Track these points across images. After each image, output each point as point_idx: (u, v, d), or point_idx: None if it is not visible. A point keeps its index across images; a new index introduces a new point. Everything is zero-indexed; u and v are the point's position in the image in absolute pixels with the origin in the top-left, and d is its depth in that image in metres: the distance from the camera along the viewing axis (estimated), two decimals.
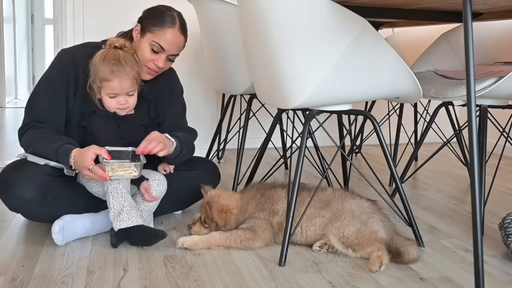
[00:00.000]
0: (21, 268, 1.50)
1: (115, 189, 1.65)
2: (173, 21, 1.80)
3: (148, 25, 1.79)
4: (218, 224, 1.72)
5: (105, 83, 1.67)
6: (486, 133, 1.85)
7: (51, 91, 1.76)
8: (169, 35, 1.79)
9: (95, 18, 2.89)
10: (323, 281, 1.46)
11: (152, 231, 1.65)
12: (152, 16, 1.81)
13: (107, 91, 1.68)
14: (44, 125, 1.74)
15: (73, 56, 1.78)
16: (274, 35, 1.56)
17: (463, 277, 1.50)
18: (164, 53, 1.80)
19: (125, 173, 1.61)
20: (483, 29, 2.24)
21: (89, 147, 1.61)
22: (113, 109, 1.72)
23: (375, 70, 1.64)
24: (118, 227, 1.63)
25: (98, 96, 1.72)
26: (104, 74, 1.66)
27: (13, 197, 1.65)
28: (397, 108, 2.95)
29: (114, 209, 1.64)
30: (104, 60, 1.67)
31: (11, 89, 5.92)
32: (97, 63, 1.68)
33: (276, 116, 2.07)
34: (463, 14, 1.30)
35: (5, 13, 5.52)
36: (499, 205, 2.22)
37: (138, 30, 1.81)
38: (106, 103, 1.71)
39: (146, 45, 1.79)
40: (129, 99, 1.72)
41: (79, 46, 1.90)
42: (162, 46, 1.79)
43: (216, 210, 1.72)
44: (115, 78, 1.66)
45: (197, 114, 3.18)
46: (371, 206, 1.71)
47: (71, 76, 1.76)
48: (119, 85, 1.67)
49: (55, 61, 1.81)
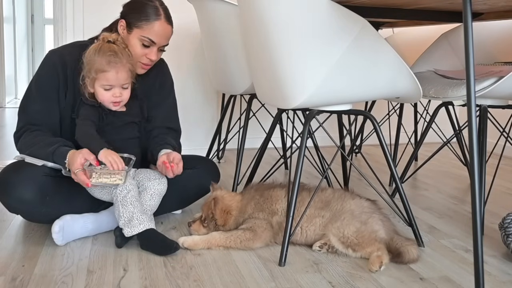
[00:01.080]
0: (21, 268, 1.50)
1: (124, 198, 1.64)
2: (157, 12, 1.78)
3: (133, 21, 1.78)
4: (217, 223, 1.73)
5: (101, 74, 1.66)
6: (486, 133, 1.85)
7: (42, 92, 1.77)
8: (157, 28, 1.78)
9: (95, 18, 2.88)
10: (323, 281, 1.46)
11: (166, 241, 1.63)
12: (135, 10, 1.79)
13: (103, 83, 1.67)
14: (39, 127, 1.75)
15: (61, 56, 1.79)
16: (274, 35, 1.56)
17: (463, 277, 1.50)
18: (155, 46, 1.80)
19: (109, 180, 1.60)
20: (483, 29, 2.24)
21: (80, 151, 1.61)
22: (107, 102, 1.71)
23: (375, 70, 1.64)
24: (131, 234, 1.62)
25: (91, 90, 1.70)
26: (101, 65, 1.65)
27: (12, 198, 1.65)
28: (397, 108, 2.95)
29: (124, 217, 1.63)
30: (99, 52, 1.67)
31: (11, 89, 5.92)
32: (91, 55, 1.67)
33: (276, 116, 2.07)
34: (463, 14, 1.30)
35: (5, 13, 5.52)
36: (499, 205, 2.22)
37: (124, 26, 1.80)
38: (100, 95, 1.70)
39: (136, 41, 1.78)
40: (124, 92, 1.71)
41: (66, 46, 1.90)
42: (153, 40, 1.78)
43: (219, 208, 1.72)
44: (112, 69, 1.66)
45: (197, 114, 3.18)
46: (370, 206, 1.71)
47: (60, 76, 1.76)
48: (116, 76, 1.67)
49: (44, 62, 1.81)
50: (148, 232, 1.63)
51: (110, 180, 1.59)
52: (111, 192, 1.68)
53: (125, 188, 1.65)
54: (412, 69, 1.75)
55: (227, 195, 1.79)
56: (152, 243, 1.63)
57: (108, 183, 1.60)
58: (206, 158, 2.19)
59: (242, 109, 3.12)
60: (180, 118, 2.06)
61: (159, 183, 1.77)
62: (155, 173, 1.80)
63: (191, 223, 1.78)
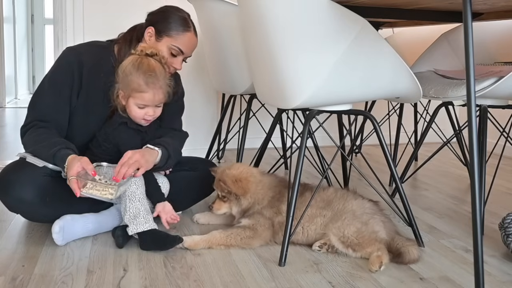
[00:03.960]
0: (21, 268, 1.50)
1: (133, 193, 1.65)
2: (188, 24, 1.82)
3: (164, 29, 1.79)
4: (237, 195, 1.74)
5: (138, 94, 1.66)
6: (486, 133, 1.85)
7: (55, 89, 1.76)
8: (187, 39, 1.81)
9: (95, 18, 2.88)
10: (323, 281, 1.46)
11: (169, 235, 1.64)
12: (166, 19, 1.81)
13: (138, 102, 1.67)
14: (46, 124, 1.74)
15: (78, 55, 1.78)
16: (274, 35, 1.56)
17: (463, 277, 1.50)
18: (181, 56, 1.83)
19: (100, 193, 1.59)
20: (483, 29, 2.23)
21: (80, 158, 1.61)
22: (139, 119, 1.71)
23: (375, 70, 1.64)
24: (135, 231, 1.62)
25: (123, 103, 1.70)
26: (138, 86, 1.64)
27: (12, 198, 1.65)
28: (397, 108, 2.95)
29: (130, 212, 1.63)
30: (138, 68, 1.65)
31: (11, 89, 5.92)
32: (130, 71, 1.65)
33: (276, 116, 2.07)
34: (463, 14, 1.30)
35: (5, 13, 5.52)
36: (499, 205, 2.22)
37: (152, 33, 1.81)
38: (133, 112, 1.70)
39: (165, 49, 1.79)
40: (157, 110, 1.72)
41: (84, 45, 1.89)
42: (182, 50, 1.81)
43: (230, 182, 1.73)
44: (150, 90, 1.65)
45: (197, 114, 3.18)
46: (372, 207, 1.71)
47: (75, 75, 1.76)
48: (153, 97, 1.67)
49: (60, 59, 1.80)
50: (152, 232, 1.63)
51: (101, 193, 1.59)
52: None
53: (134, 183, 1.65)
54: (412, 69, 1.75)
55: (232, 166, 1.81)
56: (156, 242, 1.63)
57: (99, 195, 1.60)
58: (207, 160, 2.19)
59: (242, 109, 3.12)
60: None
61: (162, 186, 1.78)
62: (157, 176, 1.80)
63: (211, 205, 1.80)
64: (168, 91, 1.71)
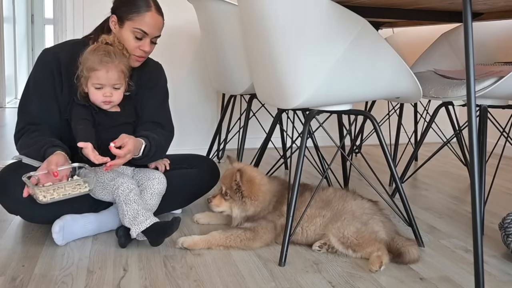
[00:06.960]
0: (21, 268, 1.50)
1: (127, 197, 1.65)
2: (147, 4, 1.81)
3: (124, 14, 1.79)
4: (244, 195, 1.71)
5: (92, 73, 1.68)
6: (486, 133, 1.85)
7: (39, 91, 1.78)
8: (148, 19, 1.79)
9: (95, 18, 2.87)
10: (323, 281, 1.46)
11: (167, 221, 1.63)
12: (125, 3, 1.81)
13: (94, 81, 1.69)
14: (39, 127, 1.75)
15: (54, 54, 1.80)
16: (274, 35, 1.56)
17: (463, 277, 1.50)
18: (147, 37, 1.82)
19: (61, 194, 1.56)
20: (483, 29, 2.24)
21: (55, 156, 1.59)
22: (98, 102, 1.71)
23: (375, 70, 1.64)
24: (139, 231, 1.62)
25: (86, 89, 1.72)
26: (92, 64, 1.67)
27: (10, 199, 1.66)
28: (397, 108, 2.95)
29: (129, 215, 1.63)
30: (94, 51, 1.70)
31: (11, 89, 5.92)
32: (86, 54, 1.70)
33: (276, 116, 2.07)
34: (463, 14, 1.30)
35: (5, 13, 5.52)
36: (499, 205, 2.22)
37: (115, 21, 1.82)
38: (92, 95, 1.71)
39: (129, 34, 1.80)
40: (115, 93, 1.72)
41: (60, 44, 1.93)
42: (145, 31, 1.80)
43: (246, 179, 1.71)
44: (102, 68, 1.67)
45: (197, 114, 3.18)
46: (372, 207, 1.71)
47: (55, 73, 1.78)
48: (106, 75, 1.68)
49: (38, 61, 1.82)
50: (154, 226, 1.63)
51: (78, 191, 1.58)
52: (112, 193, 1.68)
53: (127, 187, 1.65)
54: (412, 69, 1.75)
55: (251, 167, 1.79)
56: (161, 232, 1.63)
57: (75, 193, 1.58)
58: (206, 158, 2.18)
59: (242, 109, 3.12)
60: (180, 118, 2.07)
61: (159, 183, 1.77)
62: (154, 173, 1.80)
63: (210, 199, 1.78)
64: (123, 70, 1.71)
